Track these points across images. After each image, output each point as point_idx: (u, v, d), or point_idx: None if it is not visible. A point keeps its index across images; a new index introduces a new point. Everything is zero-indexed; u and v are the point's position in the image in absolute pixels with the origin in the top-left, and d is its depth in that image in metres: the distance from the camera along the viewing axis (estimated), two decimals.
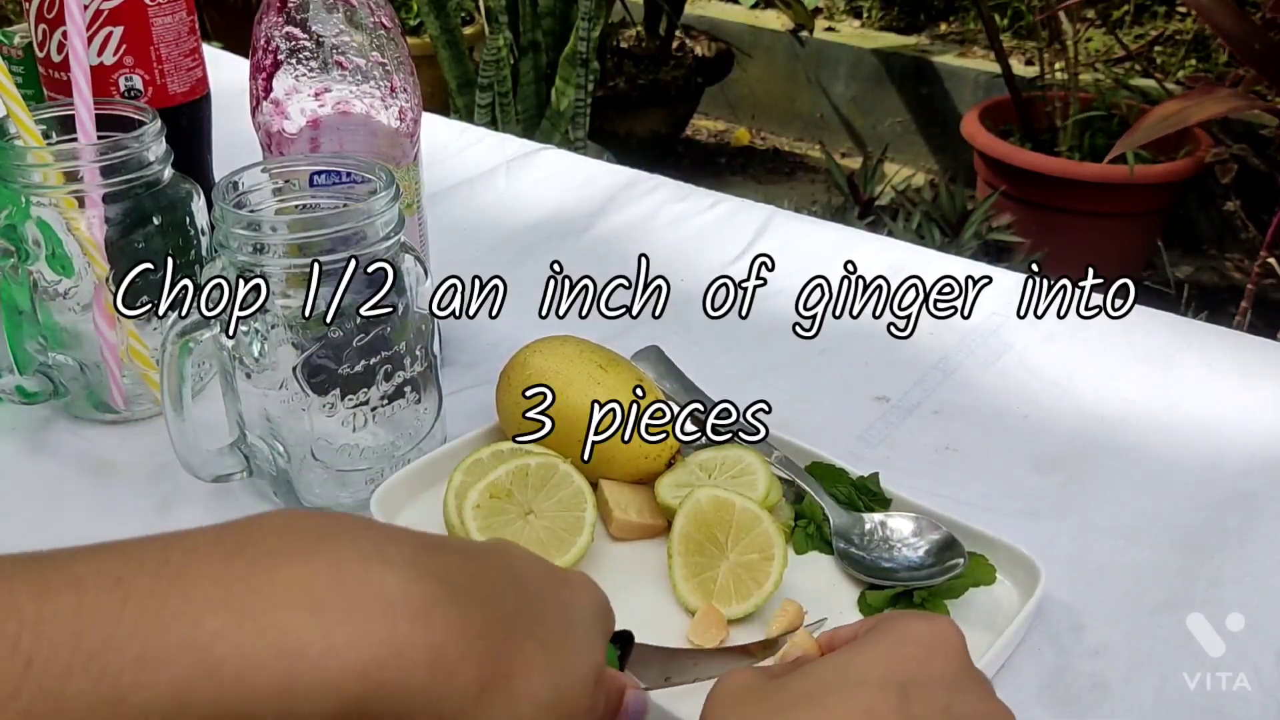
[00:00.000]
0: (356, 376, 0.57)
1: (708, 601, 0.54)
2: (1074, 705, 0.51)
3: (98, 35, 0.71)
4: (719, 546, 0.56)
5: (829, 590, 0.57)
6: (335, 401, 0.57)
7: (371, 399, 0.58)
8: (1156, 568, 0.58)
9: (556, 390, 0.61)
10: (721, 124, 3.19)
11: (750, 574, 0.55)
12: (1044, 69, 2.34)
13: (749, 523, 0.56)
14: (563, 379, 0.61)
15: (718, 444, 0.63)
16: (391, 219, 0.56)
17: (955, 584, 0.55)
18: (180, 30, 0.74)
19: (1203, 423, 0.70)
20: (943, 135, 2.77)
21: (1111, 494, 0.63)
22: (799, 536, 0.59)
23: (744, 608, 0.54)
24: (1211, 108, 1.70)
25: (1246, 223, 1.98)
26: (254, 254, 0.54)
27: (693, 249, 0.91)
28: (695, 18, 3.09)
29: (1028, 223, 2.15)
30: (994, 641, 0.51)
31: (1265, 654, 0.53)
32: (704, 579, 0.55)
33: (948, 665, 0.38)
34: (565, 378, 0.61)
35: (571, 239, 0.92)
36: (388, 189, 0.56)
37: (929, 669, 0.37)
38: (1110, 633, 0.54)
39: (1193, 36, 2.56)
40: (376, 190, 0.56)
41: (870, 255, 0.88)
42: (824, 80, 3.00)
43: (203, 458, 0.59)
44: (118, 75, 0.72)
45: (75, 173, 0.62)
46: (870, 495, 0.60)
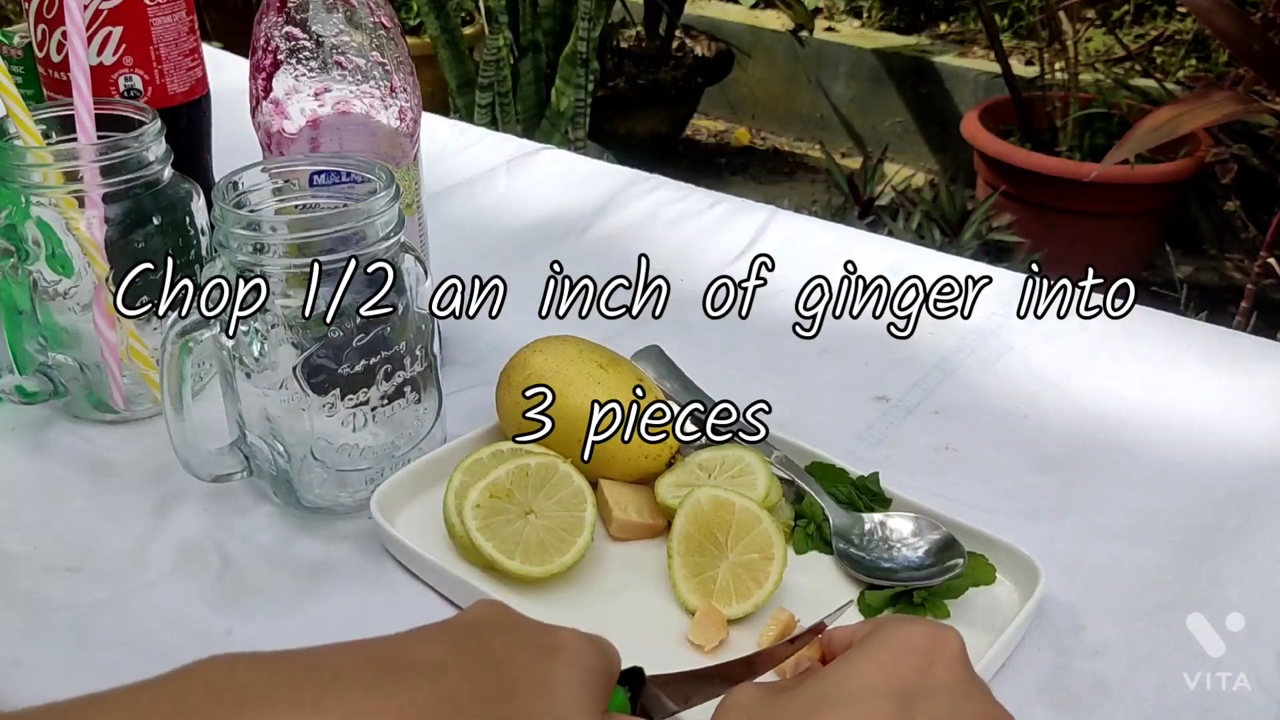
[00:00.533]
0: (356, 376, 0.57)
1: (708, 601, 0.54)
2: (1074, 705, 0.51)
3: (97, 35, 0.70)
4: (719, 546, 0.56)
5: (829, 590, 0.57)
6: (335, 401, 0.57)
7: (371, 399, 0.58)
8: (1156, 568, 0.58)
9: (557, 390, 0.61)
10: (721, 124, 3.19)
11: (750, 574, 0.55)
12: (1044, 69, 2.34)
13: (749, 522, 0.56)
14: (563, 379, 0.61)
15: (717, 444, 0.63)
16: (391, 219, 0.56)
17: (955, 584, 0.55)
18: (180, 30, 0.74)
19: (1203, 423, 0.70)
20: (943, 135, 2.77)
21: (1111, 494, 0.63)
22: (799, 536, 0.59)
23: (744, 607, 0.54)
24: (1204, 115, 1.70)
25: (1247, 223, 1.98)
26: (254, 254, 0.54)
27: (693, 249, 0.91)
28: (695, 18, 3.09)
29: (1028, 223, 2.15)
30: (994, 641, 0.51)
31: (1265, 654, 0.53)
32: (704, 579, 0.55)
33: (949, 672, 0.38)
34: (565, 377, 0.62)
35: (571, 239, 0.92)
36: (388, 189, 0.56)
37: (930, 677, 0.37)
38: (1110, 633, 0.54)
39: (1193, 36, 2.56)
40: (376, 190, 0.56)
41: (870, 255, 0.88)
42: (824, 80, 3.00)
43: (202, 458, 0.59)
44: (117, 75, 0.72)
45: (75, 173, 0.62)
46: (870, 495, 0.60)
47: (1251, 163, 1.91)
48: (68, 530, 0.60)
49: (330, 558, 0.59)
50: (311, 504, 0.60)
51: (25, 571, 0.58)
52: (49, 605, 0.56)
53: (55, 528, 0.61)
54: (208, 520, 0.61)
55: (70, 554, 0.59)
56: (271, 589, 0.57)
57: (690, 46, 2.94)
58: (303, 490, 0.60)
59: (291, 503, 0.60)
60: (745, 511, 0.57)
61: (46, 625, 0.54)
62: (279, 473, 0.59)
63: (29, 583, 0.57)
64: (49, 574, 0.58)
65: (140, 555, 0.59)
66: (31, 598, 0.56)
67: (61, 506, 0.62)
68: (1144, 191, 2.15)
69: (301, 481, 0.59)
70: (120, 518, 0.61)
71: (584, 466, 0.60)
